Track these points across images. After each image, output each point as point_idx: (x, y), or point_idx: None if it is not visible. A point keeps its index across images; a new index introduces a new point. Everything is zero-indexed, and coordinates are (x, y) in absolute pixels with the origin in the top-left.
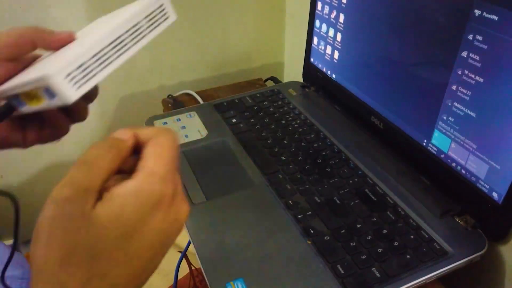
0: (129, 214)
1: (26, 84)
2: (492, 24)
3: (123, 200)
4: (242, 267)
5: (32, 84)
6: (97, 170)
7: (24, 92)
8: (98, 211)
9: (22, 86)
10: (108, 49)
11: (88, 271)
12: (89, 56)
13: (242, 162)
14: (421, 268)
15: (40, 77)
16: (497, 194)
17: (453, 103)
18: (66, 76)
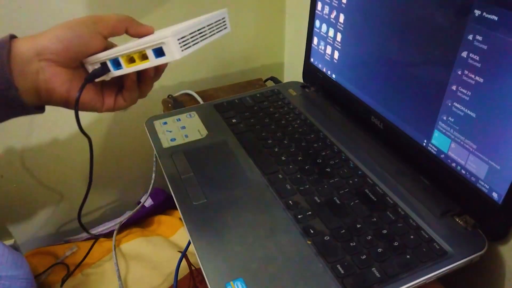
0: None
1: (141, 43)
2: (492, 25)
3: None
4: (242, 267)
5: (150, 42)
6: None
7: (128, 54)
8: None
9: (134, 47)
10: (197, 32)
11: None
12: (191, 31)
13: (242, 162)
14: (421, 268)
15: (160, 35)
16: (497, 194)
17: (453, 103)
18: (179, 38)
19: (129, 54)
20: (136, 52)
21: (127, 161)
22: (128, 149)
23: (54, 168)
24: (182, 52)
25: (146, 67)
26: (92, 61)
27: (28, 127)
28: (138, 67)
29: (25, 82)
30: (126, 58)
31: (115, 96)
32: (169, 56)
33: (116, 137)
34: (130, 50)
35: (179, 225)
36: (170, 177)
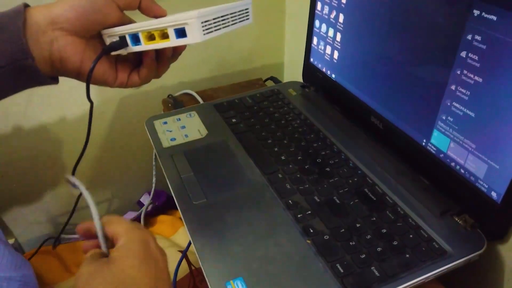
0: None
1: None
2: (491, 24)
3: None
4: (242, 266)
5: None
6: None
7: (149, 31)
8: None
9: (156, 24)
10: (220, 18)
11: None
12: (215, 16)
13: (242, 162)
14: (420, 267)
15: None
16: (496, 193)
17: (452, 103)
18: (203, 21)
19: (150, 30)
20: (157, 30)
21: (127, 160)
22: (128, 149)
23: (53, 167)
24: (204, 36)
25: (165, 46)
26: (111, 33)
27: (27, 126)
28: (157, 46)
29: (40, 51)
30: (146, 34)
31: (130, 72)
32: (191, 37)
33: (116, 137)
34: (152, 27)
35: (180, 225)
36: (170, 177)
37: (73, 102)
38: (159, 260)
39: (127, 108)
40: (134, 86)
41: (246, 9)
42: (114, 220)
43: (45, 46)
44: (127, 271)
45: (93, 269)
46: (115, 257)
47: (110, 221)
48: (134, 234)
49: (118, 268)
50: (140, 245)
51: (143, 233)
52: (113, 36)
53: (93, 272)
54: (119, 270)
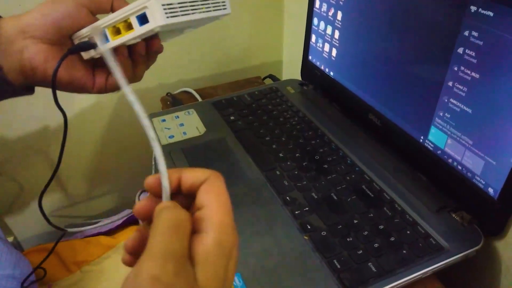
0: (220, 269)
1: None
2: (487, 20)
3: (212, 258)
4: (239, 262)
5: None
6: (184, 234)
7: (114, 24)
8: (199, 279)
9: (118, 16)
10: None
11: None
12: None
13: (240, 159)
14: (417, 263)
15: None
16: (492, 189)
17: (449, 99)
18: (164, 4)
19: (114, 24)
20: (120, 21)
21: (126, 158)
22: (126, 146)
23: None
24: (167, 19)
25: (132, 37)
26: (80, 36)
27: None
28: (124, 38)
29: (10, 61)
30: (112, 29)
31: (107, 76)
32: (153, 21)
33: (114, 134)
34: (115, 19)
35: None
36: None
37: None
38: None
39: (125, 105)
40: (114, 90)
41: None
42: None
43: (15, 56)
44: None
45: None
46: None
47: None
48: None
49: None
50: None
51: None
52: (83, 38)
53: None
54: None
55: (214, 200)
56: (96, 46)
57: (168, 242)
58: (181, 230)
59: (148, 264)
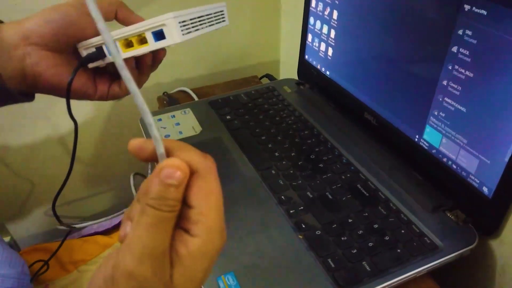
0: (199, 273)
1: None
2: (481, 19)
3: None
4: (233, 261)
5: (150, 25)
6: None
7: (126, 38)
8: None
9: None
10: (197, 19)
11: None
12: (192, 16)
13: (236, 158)
14: (412, 262)
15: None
16: (487, 188)
17: (444, 98)
18: (180, 21)
19: (127, 37)
20: (134, 35)
21: (122, 158)
22: (123, 146)
23: (50, 166)
24: (183, 36)
25: (145, 51)
26: (86, 45)
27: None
28: (137, 52)
29: (11, 67)
30: (123, 42)
31: (110, 84)
32: (170, 39)
33: (111, 134)
34: (129, 32)
35: None
36: None
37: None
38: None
39: (121, 105)
40: (116, 98)
41: (221, 11)
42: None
43: (17, 62)
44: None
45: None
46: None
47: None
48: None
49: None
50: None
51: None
52: (89, 48)
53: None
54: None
55: (204, 201)
56: (105, 56)
57: (150, 239)
58: (165, 227)
59: (126, 258)
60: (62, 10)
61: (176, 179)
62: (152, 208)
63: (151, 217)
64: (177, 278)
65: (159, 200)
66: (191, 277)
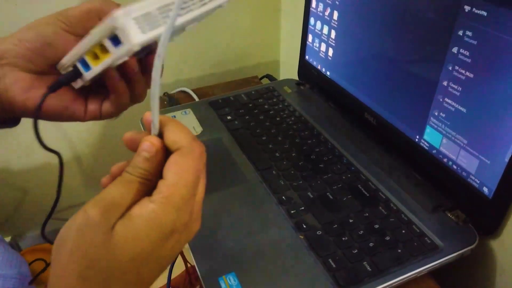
0: (144, 239)
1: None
2: (481, 20)
3: (139, 225)
4: (234, 261)
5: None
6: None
7: (90, 50)
8: (117, 230)
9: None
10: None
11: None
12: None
13: (236, 159)
14: (412, 262)
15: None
16: (487, 188)
17: (444, 98)
18: (133, 18)
19: (90, 49)
20: (95, 46)
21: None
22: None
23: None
24: (143, 35)
25: (111, 62)
26: (63, 65)
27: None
28: (105, 63)
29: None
30: (91, 55)
31: (102, 102)
32: (126, 42)
33: (111, 134)
34: (89, 44)
35: None
36: None
37: None
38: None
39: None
40: (112, 117)
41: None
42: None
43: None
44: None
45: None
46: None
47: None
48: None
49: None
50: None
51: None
52: (68, 68)
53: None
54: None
55: (174, 175)
56: (81, 75)
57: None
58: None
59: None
60: (37, 28)
61: (148, 151)
62: (126, 172)
63: (122, 177)
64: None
65: (132, 167)
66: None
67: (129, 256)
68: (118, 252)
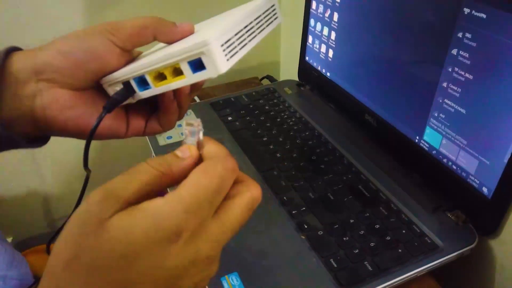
0: (139, 235)
1: (171, 55)
2: (480, 22)
3: (138, 219)
4: (237, 261)
5: (183, 53)
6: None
7: (156, 70)
8: (112, 221)
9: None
10: (245, 31)
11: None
12: (237, 30)
13: (238, 160)
14: (413, 261)
15: (196, 43)
16: (487, 189)
17: (444, 100)
18: (223, 43)
19: (158, 69)
20: (166, 67)
21: (124, 160)
22: (125, 147)
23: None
24: (228, 62)
25: (182, 85)
26: (111, 81)
27: None
28: (171, 86)
29: (17, 108)
30: (154, 75)
31: (147, 119)
32: (212, 69)
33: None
34: (158, 65)
35: None
36: None
37: None
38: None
39: None
40: (155, 134)
41: (272, 6)
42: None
43: (26, 101)
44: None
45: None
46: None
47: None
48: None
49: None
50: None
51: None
52: (116, 84)
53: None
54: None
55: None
56: (134, 93)
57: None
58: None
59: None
60: (83, 40)
61: (181, 151)
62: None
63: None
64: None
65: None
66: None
67: (119, 252)
68: (107, 246)
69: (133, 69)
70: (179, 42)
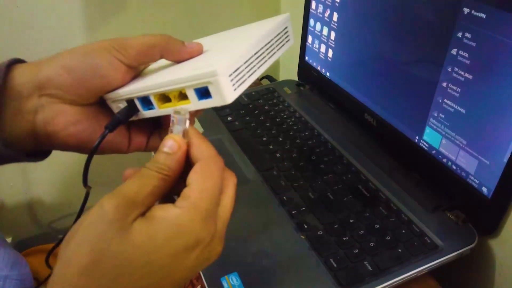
0: (162, 244)
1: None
2: (480, 22)
3: (161, 226)
4: (237, 261)
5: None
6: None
7: (161, 93)
8: (136, 226)
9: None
10: (254, 57)
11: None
12: (246, 58)
13: (237, 159)
14: (412, 261)
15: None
16: (486, 189)
17: (443, 99)
18: (231, 73)
19: (163, 92)
20: (172, 91)
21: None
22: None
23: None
24: (235, 92)
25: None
26: (115, 98)
27: None
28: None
29: (18, 123)
30: (159, 96)
31: (149, 135)
32: (218, 99)
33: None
34: (164, 88)
35: None
36: None
37: None
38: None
39: None
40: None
41: (285, 28)
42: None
43: (27, 117)
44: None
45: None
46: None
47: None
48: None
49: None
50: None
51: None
52: (119, 101)
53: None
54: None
55: (198, 182)
56: (138, 111)
57: (128, 184)
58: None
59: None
60: (88, 56)
61: (169, 147)
62: (145, 167)
63: (140, 171)
64: (138, 226)
65: (152, 163)
66: (151, 238)
67: (144, 259)
68: (132, 252)
69: (138, 89)
70: (187, 62)
